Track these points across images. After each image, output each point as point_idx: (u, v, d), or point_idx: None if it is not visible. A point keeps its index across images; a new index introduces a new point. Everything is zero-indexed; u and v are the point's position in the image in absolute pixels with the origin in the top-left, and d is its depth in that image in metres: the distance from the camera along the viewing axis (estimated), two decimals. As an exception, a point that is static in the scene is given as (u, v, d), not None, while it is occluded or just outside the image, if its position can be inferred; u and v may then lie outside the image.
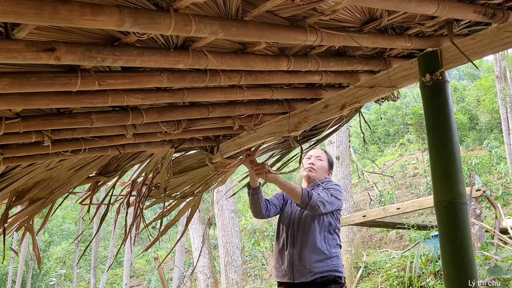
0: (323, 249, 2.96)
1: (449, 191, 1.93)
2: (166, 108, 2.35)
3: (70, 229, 27.00)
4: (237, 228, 10.19)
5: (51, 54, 1.44)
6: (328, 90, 2.64)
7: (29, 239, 14.85)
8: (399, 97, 2.52)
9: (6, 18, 1.20)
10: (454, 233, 1.89)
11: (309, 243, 2.96)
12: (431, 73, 2.00)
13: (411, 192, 16.99)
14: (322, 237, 2.99)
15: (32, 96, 1.79)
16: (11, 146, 2.34)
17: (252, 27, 1.65)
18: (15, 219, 3.11)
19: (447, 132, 1.98)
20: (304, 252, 2.95)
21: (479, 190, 6.64)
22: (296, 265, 2.96)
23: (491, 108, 23.01)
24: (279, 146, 3.11)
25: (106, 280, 19.23)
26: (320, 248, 2.95)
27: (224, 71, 2.04)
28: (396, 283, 6.80)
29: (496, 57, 17.53)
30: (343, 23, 1.92)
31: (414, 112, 19.07)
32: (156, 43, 1.70)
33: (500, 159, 17.10)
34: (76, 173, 2.95)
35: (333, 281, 2.94)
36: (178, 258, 15.50)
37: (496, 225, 6.74)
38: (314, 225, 3.00)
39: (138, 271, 21.44)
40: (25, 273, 18.65)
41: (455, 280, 1.85)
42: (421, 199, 7.24)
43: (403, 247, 11.89)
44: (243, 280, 9.86)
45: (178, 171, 3.22)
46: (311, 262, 2.93)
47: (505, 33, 1.83)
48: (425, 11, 1.76)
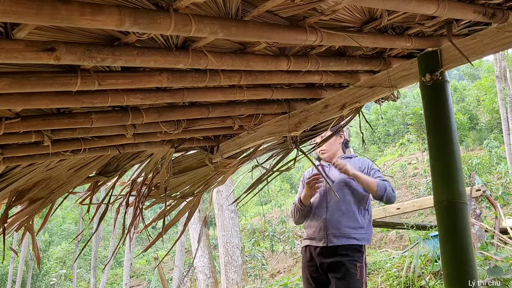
0: (357, 216, 3.17)
1: (449, 191, 1.93)
2: (166, 108, 2.35)
3: (70, 229, 27.00)
4: (237, 228, 10.19)
5: (51, 54, 1.43)
6: (328, 90, 2.64)
7: (29, 239, 14.85)
8: (399, 97, 2.52)
9: (6, 18, 1.20)
10: (454, 233, 1.89)
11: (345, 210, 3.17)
12: (431, 73, 2.00)
13: (411, 192, 17.00)
14: (356, 208, 3.20)
15: (32, 96, 1.79)
16: (11, 146, 2.33)
17: (252, 27, 1.65)
18: (15, 219, 3.11)
19: (447, 132, 1.98)
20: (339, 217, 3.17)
21: (479, 190, 6.65)
22: (331, 229, 3.16)
23: (491, 108, 23.01)
24: (279, 146, 3.11)
25: (106, 280, 19.23)
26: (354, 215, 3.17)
27: (224, 71, 2.04)
28: (396, 283, 6.80)
29: (496, 57, 17.54)
30: (343, 23, 1.92)
31: (414, 112, 19.08)
32: (156, 43, 1.69)
33: (500, 159, 17.11)
34: (76, 173, 2.95)
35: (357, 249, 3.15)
36: (178, 258, 15.50)
37: (496, 225, 6.74)
38: (350, 197, 3.22)
39: (138, 271, 21.45)
40: (25, 273, 18.66)
41: (455, 280, 1.85)
42: (421, 199, 7.24)
43: (403, 247, 11.89)
44: (243, 280, 9.85)
45: (178, 171, 3.22)
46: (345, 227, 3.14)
47: (505, 33, 1.83)
48: (425, 11, 1.76)
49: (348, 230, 3.14)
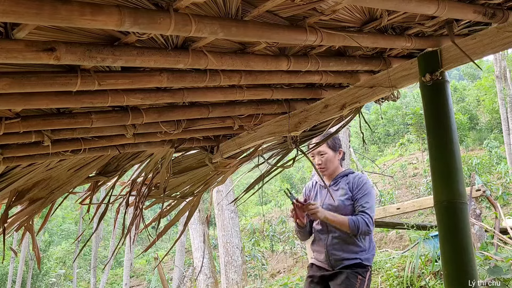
0: (357, 242, 3.13)
1: (449, 191, 1.93)
2: (166, 108, 2.35)
3: (70, 229, 27.01)
4: (237, 228, 10.19)
5: (51, 54, 1.43)
6: (328, 90, 2.64)
7: (29, 239, 14.85)
8: (399, 97, 2.52)
9: (6, 18, 1.20)
10: (454, 233, 1.89)
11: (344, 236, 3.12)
12: (431, 73, 2.00)
13: (411, 192, 17.01)
14: None
15: (32, 96, 1.79)
16: (11, 146, 2.33)
17: (252, 27, 1.65)
18: (15, 219, 3.11)
19: (447, 132, 1.98)
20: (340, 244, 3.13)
21: (479, 190, 6.65)
22: (333, 256, 3.14)
23: (491, 108, 23.02)
24: (279, 146, 3.11)
25: (106, 280, 19.23)
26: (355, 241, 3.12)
27: (224, 71, 2.04)
28: (396, 283, 6.79)
29: (496, 57, 17.54)
30: (343, 23, 1.92)
31: (414, 112, 19.08)
32: (156, 43, 1.69)
33: (500, 159, 17.12)
34: (76, 173, 2.95)
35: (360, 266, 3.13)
36: (178, 258, 15.50)
37: (496, 225, 6.74)
38: None
39: (138, 271, 21.45)
40: (25, 273, 18.67)
41: (455, 280, 1.85)
42: (421, 199, 7.24)
43: (403, 247, 11.89)
44: (243, 280, 9.85)
45: (178, 171, 3.22)
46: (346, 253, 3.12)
47: (505, 33, 1.83)
48: (425, 11, 1.76)
49: (350, 256, 3.11)
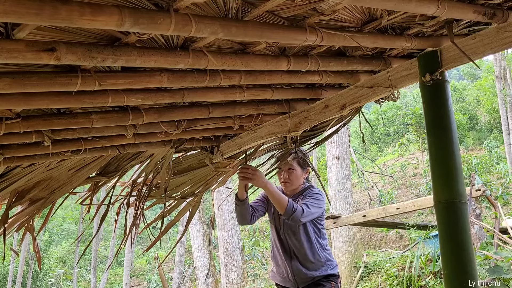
0: (318, 257, 3.07)
1: (449, 191, 1.93)
2: (166, 108, 2.35)
3: (70, 229, 26.99)
4: (237, 228, 10.19)
5: (51, 54, 1.44)
6: (328, 90, 2.64)
7: (29, 239, 14.85)
8: (399, 97, 2.52)
9: (6, 18, 1.20)
10: (454, 233, 1.89)
11: (305, 255, 3.06)
12: (431, 73, 2.00)
13: (411, 192, 16.99)
14: (314, 245, 3.08)
15: (33, 96, 1.79)
16: (11, 146, 2.34)
17: (252, 27, 1.65)
18: (15, 219, 3.11)
19: (447, 132, 1.98)
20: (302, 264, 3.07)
21: (479, 190, 6.64)
22: (298, 274, 3.08)
23: (491, 108, 22.99)
24: (279, 146, 3.11)
25: (106, 280, 19.23)
26: (316, 258, 3.07)
27: (224, 71, 2.04)
28: (396, 283, 6.80)
29: (496, 57, 17.52)
30: (343, 23, 1.92)
31: (414, 112, 19.06)
32: (156, 43, 1.70)
33: (500, 159, 17.10)
34: (76, 173, 2.95)
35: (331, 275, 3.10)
36: (178, 258, 15.51)
37: (496, 225, 6.74)
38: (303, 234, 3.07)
39: (138, 271, 21.43)
40: (25, 273, 18.67)
41: (455, 280, 1.85)
42: (421, 199, 7.24)
43: (403, 247, 11.90)
44: (243, 280, 9.86)
45: (178, 171, 3.22)
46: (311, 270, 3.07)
47: (505, 33, 1.83)
48: (425, 11, 1.76)
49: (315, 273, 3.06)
